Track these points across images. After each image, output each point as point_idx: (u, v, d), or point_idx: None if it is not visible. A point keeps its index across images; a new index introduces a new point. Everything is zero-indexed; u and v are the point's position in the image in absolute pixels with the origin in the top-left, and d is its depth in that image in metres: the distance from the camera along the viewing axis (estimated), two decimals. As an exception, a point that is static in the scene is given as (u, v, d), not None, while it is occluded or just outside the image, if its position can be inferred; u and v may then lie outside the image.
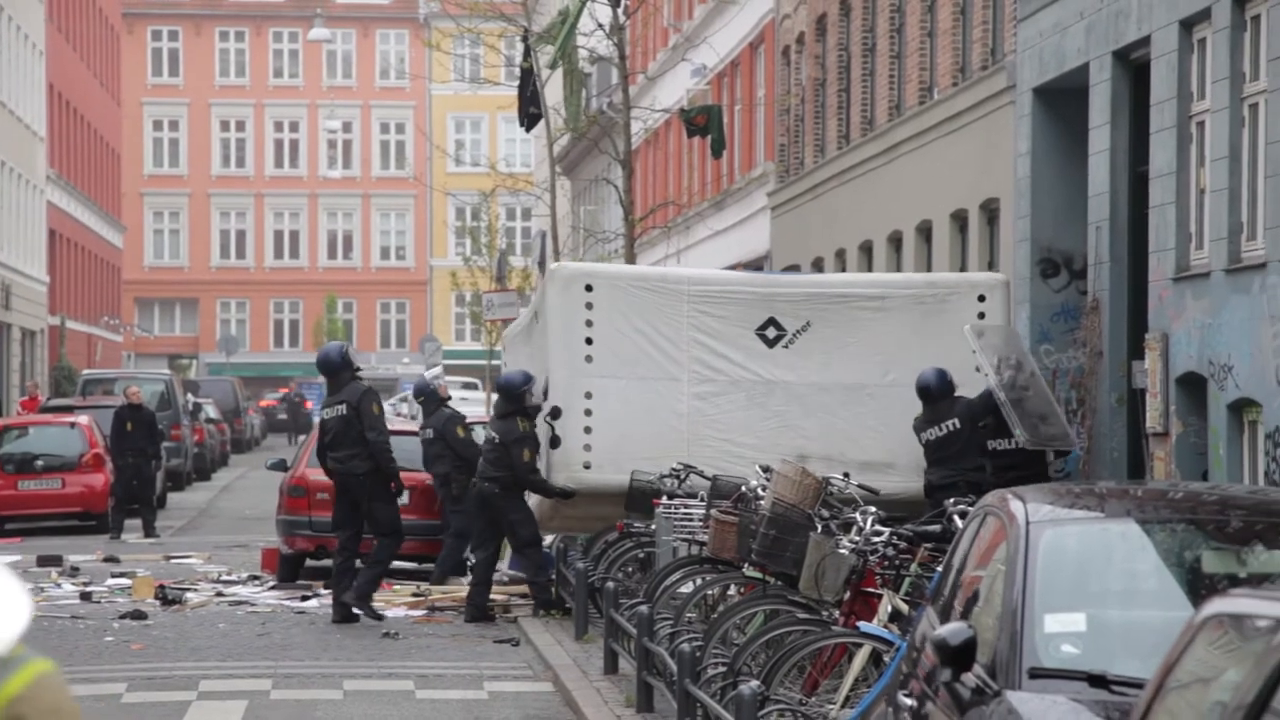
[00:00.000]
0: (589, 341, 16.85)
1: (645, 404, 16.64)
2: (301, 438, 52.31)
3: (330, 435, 17.59)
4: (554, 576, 17.73)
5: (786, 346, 16.79)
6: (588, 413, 16.52)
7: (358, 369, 17.90)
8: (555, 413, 16.96)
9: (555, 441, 16.96)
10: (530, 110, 27.04)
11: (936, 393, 15.96)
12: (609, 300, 16.88)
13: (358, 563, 17.73)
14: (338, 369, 17.78)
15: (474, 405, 38.14)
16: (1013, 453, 15.91)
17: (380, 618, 17.40)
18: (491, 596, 17.95)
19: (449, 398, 20.77)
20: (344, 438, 17.44)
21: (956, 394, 16.04)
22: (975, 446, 15.87)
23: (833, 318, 16.78)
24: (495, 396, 18.39)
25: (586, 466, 16.74)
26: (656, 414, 16.62)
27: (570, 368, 16.88)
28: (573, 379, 16.87)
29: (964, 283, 17.29)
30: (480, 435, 19.13)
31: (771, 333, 16.84)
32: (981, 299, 16.86)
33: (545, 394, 17.19)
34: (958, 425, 15.85)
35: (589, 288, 16.93)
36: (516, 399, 17.20)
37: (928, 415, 16.01)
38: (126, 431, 27.80)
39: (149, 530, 27.60)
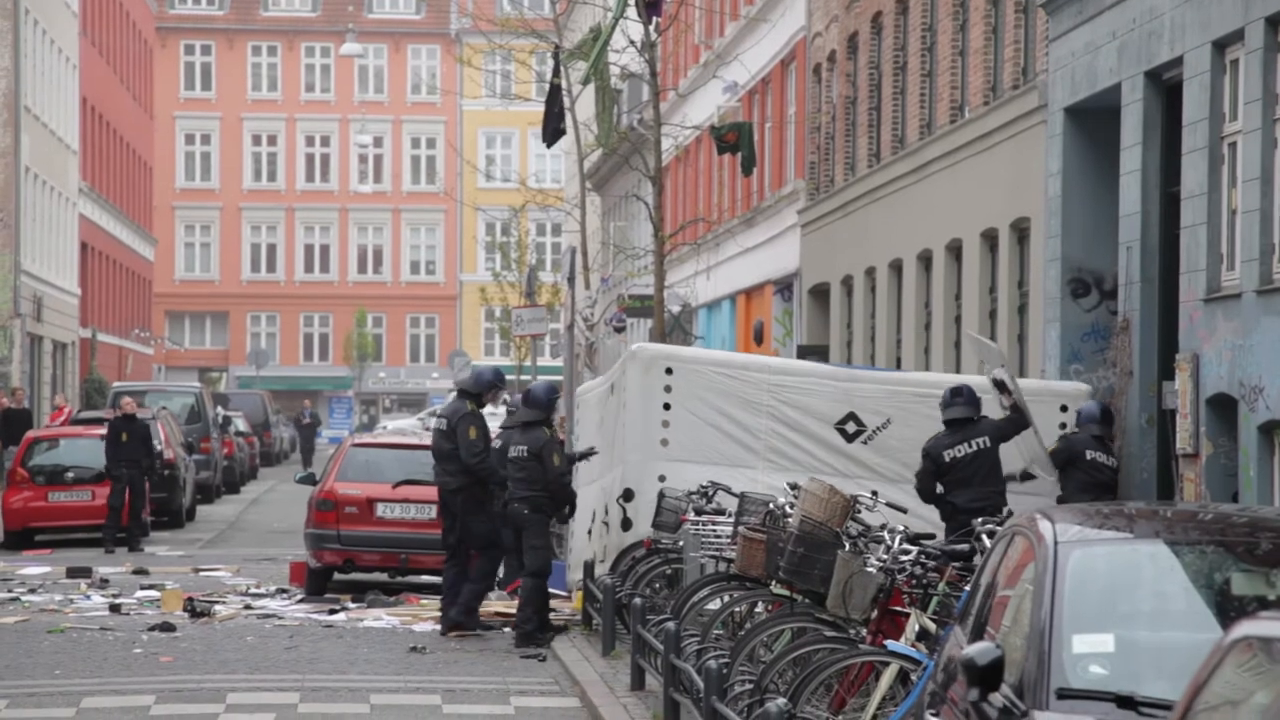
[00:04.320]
0: (665, 425, 16.89)
1: None
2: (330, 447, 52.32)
3: (434, 449, 17.78)
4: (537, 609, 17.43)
5: (865, 443, 16.65)
6: (661, 496, 16.47)
7: (482, 396, 17.79)
8: (628, 495, 17.01)
9: (627, 524, 16.97)
10: (556, 127, 27.09)
11: (968, 400, 15.37)
12: (688, 385, 16.87)
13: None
14: (482, 388, 17.75)
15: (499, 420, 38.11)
16: (1109, 469, 15.70)
17: (489, 628, 17.29)
18: (501, 610, 18.05)
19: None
20: (439, 453, 17.58)
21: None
22: (1000, 468, 15.49)
23: (913, 417, 16.53)
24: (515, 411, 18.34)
25: None
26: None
27: (645, 450, 16.90)
28: (647, 461, 16.88)
29: (1047, 391, 16.93)
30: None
31: (851, 428, 16.71)
32: (1064, 409, 16.67)
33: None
34: (987, 444, 15.30)
35: (669, 371, 16.95)
36: (546, 408, 17.23)
37: (952, 430, 15.32)
38: (122, 443, 27.54)
39: (133, 545, 27.11)
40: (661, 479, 16.66)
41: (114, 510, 27.31)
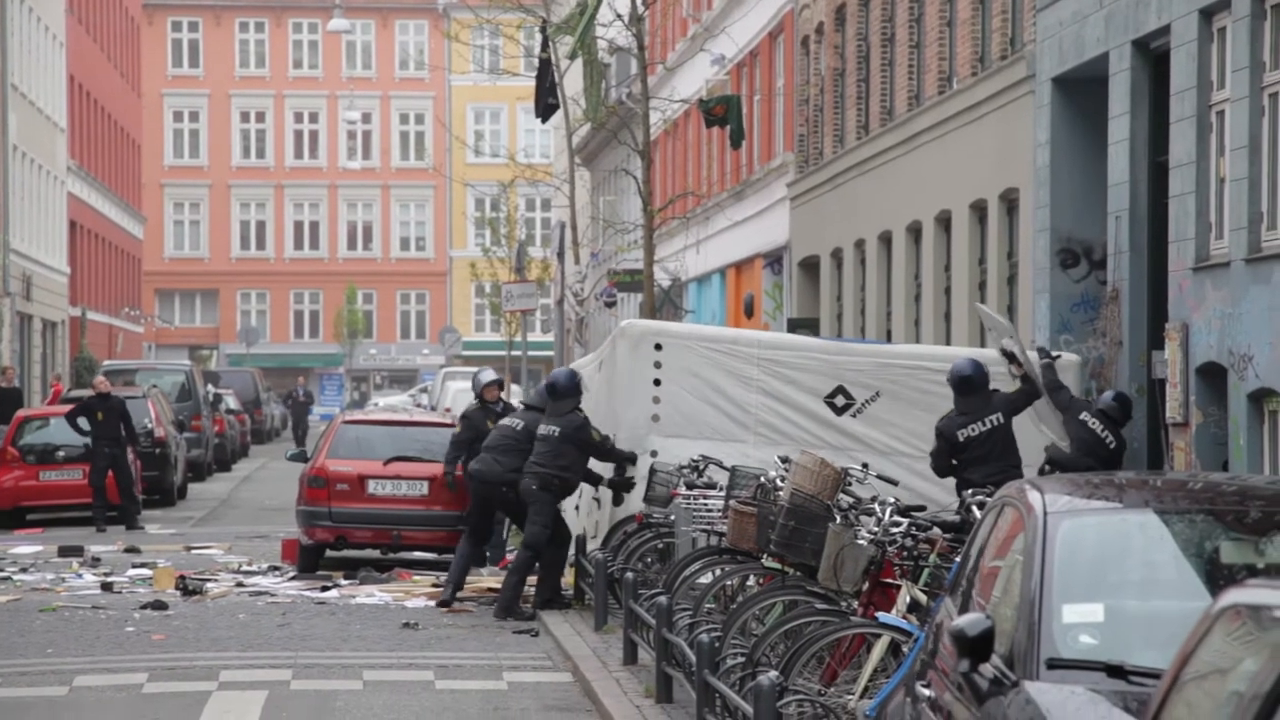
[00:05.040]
0: (656, 400, 16.96)
1: None
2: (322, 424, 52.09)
3: (497, 444, 17.67)
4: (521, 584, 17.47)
5: (854, 416, 16.70)
6: (653, 471, 16.48)
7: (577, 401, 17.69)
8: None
9: (619, 499, 17.05)
10: (548, 101, 27.08)
11: (978, 383, 15.26)
12: (678, 360, 16.95)
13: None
14: (564, 394, 17.46)
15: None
16: (1099, 439, 15.65)
17: (532, 617, 17.11)
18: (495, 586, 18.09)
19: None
20: (500, 447, 17.57)
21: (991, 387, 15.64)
22: (1015, 441, 15.33)
23: (902, 389, 16.58)
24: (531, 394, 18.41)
25: None
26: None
27: (636, 425, 16.99)
28: (639, 438, 16.97)
29: (1038, 364, 16.77)
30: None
31: (840, 401, 16.76)
32: None
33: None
34: (1001, 420, 15.17)
35: (658, 346, 17.01)
36: (576, 393, 17.24)
37: (964, 409, 15.19)
38: (98, 421, 27.33)
39: (130, 523, 27.04)
40: (653, 454, 16.72)
41: (98, 490, 27.24)
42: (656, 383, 16.96)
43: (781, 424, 16.69)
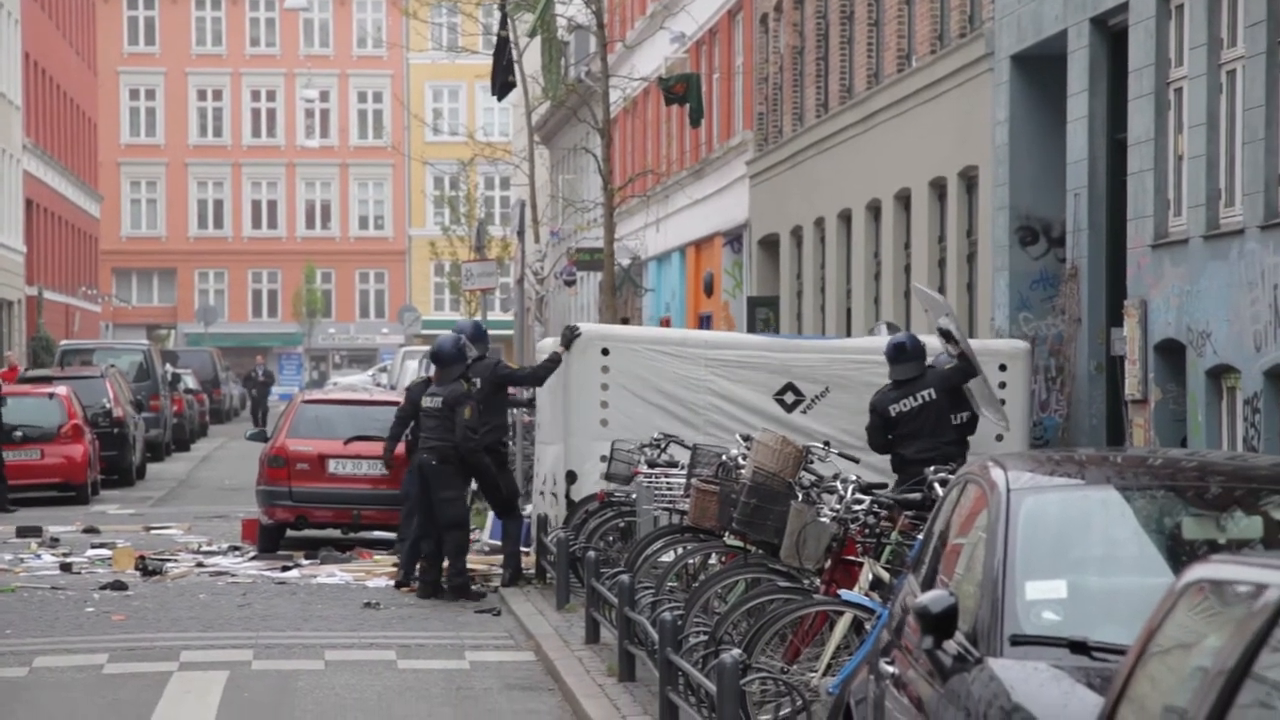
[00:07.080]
0: (604, 405, 16.95)
1: None
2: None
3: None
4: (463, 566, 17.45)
5: (804, 412, 16.69)
6: (614, 449, 16.47)
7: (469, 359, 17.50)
8: (571, 477, 17.09)
9: (571, 505, 17.04)
10: (505, 79, 27.01)
11: (912, 353, 15.17)
12: (625, 364, 16.93)
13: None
14: (449, 361, 17.38)
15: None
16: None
17: (483, 595, 17.14)
18: (471, 566, 17.96)
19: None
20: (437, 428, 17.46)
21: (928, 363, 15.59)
22: (949, 418, 15.25)
23: (851, 383, 16.59)
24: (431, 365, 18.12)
25: None
26: None
27: (585, 432, 16.98)
28: (588, 443, 16.95)
29: (985, 351, 16.64)
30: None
31: (790, 398, 16.76)
32: (1003, 368, 16.59)
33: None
34: (934, 395, 15.08)
35: (605, 351, 16.99)
36: (459, 362, 17.10)
37: (897, 383, 15.14)
38: None
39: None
40: (603, 459, 16.70)
41: None
42: (604, 387, 16.97)
43: (731, 423, 16.66)
